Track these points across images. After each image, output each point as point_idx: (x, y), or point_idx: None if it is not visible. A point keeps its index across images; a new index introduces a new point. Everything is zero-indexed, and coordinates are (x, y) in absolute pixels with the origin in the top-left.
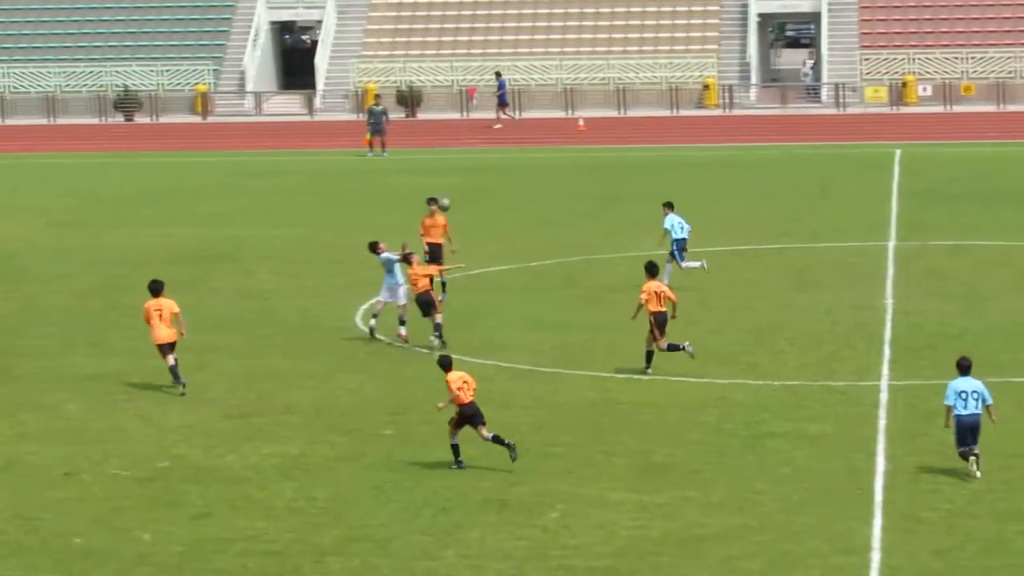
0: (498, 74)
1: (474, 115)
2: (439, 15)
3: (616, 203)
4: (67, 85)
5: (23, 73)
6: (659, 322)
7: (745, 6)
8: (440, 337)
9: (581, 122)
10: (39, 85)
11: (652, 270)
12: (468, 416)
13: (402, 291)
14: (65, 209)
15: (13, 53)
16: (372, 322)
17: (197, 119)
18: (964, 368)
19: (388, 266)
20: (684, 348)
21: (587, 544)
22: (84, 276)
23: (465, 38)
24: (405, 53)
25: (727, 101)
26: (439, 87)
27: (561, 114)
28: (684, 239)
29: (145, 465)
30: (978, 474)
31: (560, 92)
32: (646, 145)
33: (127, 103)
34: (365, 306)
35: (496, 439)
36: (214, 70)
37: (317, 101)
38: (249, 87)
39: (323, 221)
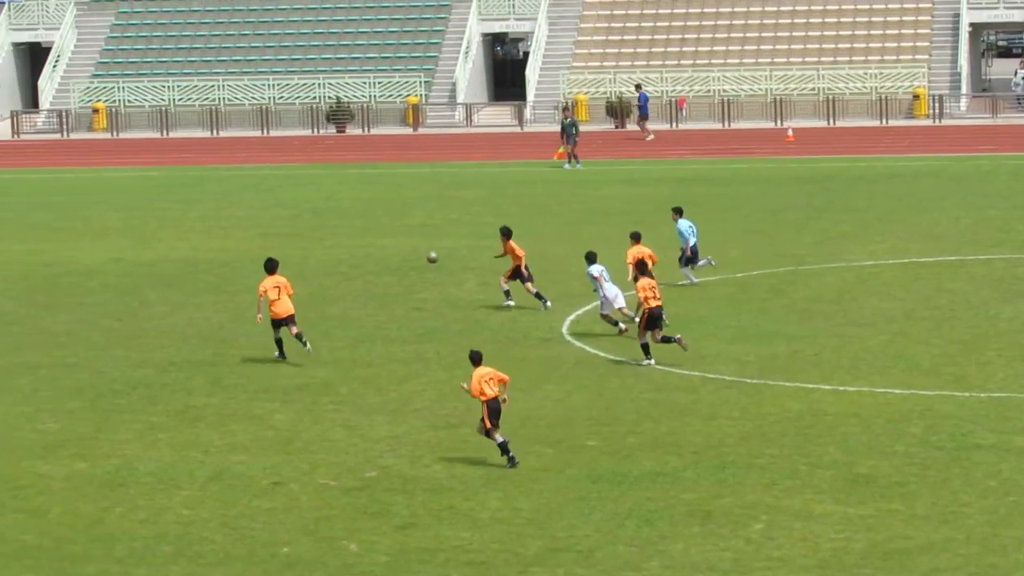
0: (638, 86)
1: (684, 126)
2: (649, 26)
3: (824, 213)
4: (280, 97)
5: (238, 85)
6: (654, 316)
7: (956, 16)
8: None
9: (790, 132)
10: (253, 97)
11: (642, 268)
12: (495, 411)
13: (619, 298)
14: (277, 220)
15: (228, 66)
16: (621, 326)
17: (408, 131)
18: None
19: (594, 282)
20: (677, 340)
21: (791, 556)
22: (294, 286)
23: (675, 49)
24: (615, 64)
25: (937, 111)
26: (649, 98)
27: (770, 124)
28: (695, 245)
29: (352, 475)
30: None
31: (769, 102)
32: (854, 155)
33: (339, 115)
34: (572, 317)
35: (503, 444)
36: (426, 82)
37: (527, 112)
38: (460, 99)
39: (531, 232)
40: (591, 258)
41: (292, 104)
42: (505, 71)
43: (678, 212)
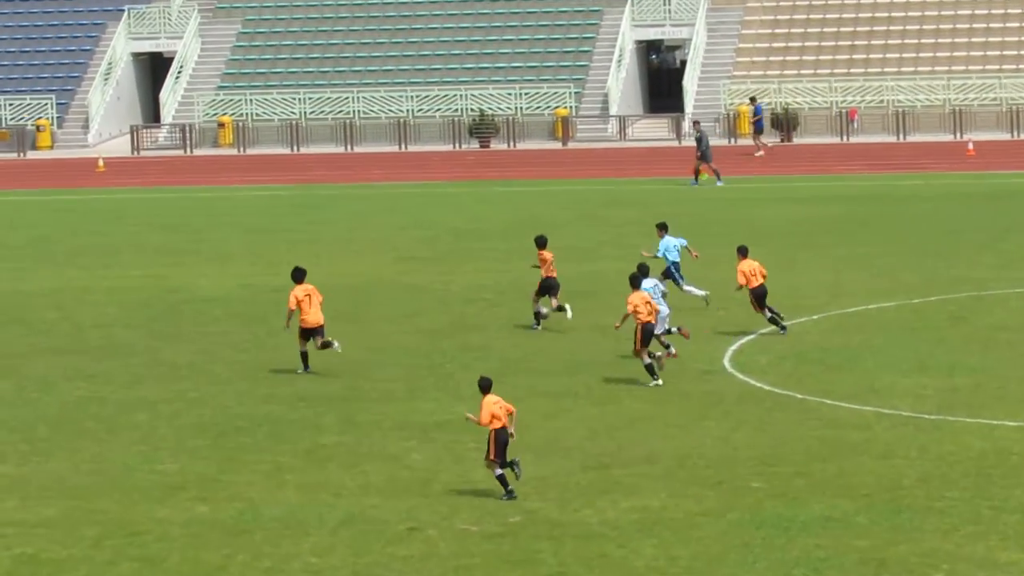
0: (753, 99)
1: (855, 139)
2: (816, 32)
3: (1009, 233)
4: (419, 110)
5: (373, 97)
6: (646, 333)
7: None
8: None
9: (970, 145)
10: (390, 110)
11: (635, 282)
12: (504, 442)
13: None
14: (414, 243)
15: (363, 76)
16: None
17: (556, 145)
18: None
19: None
20: (668, 349)
21: None
22: (433, 314)
23: (845, 56)
24: (780, 73)
25: None
26: (817, 109)
27: (948, 137)
28: (678, 262)
29: (495, 520)
30: None
31: (947, 113)
32: None
33: (483, 128)
34: (734, 347)
35: (501, 477)
36: (575, 93)
37: (685, 125)
38: (612, 111)
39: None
40: (639, 278)
41: (432, 117)
42: (661, 81)
43: (663, 229)
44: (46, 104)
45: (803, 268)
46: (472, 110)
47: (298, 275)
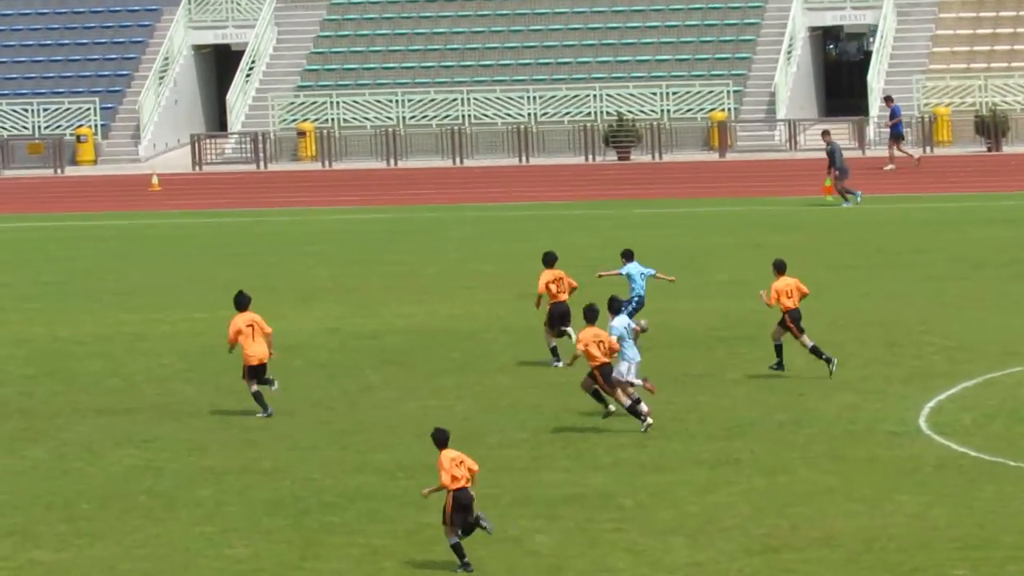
0: (889, 99)
1: None
2: None
3: None
4: (544, 114)
5: (488, 99)
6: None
7: None
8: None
9: None
10: (507, 114)
11: (589, 315)
12: (464, 505)
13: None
14: (535, 276)
15: (476, 73)
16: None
17: (712, 156)
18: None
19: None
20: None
21: None
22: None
23: None
24: (986, 66)
25: None
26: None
27: None
28: (643, 296)
29: None
30: None
31: None
32: None
33: (622, 136)
34: (931, 404)
35: (456, 546)
36: (735, 92)
37: (869, 131)
38: (781, 114)
39: (876, 289)
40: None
41: (559, 123)
42: (840, 77)
43: (627, 257)
44: (88, 109)
45: (1020, 304)
46: (609, 114)
47: (241, 301)
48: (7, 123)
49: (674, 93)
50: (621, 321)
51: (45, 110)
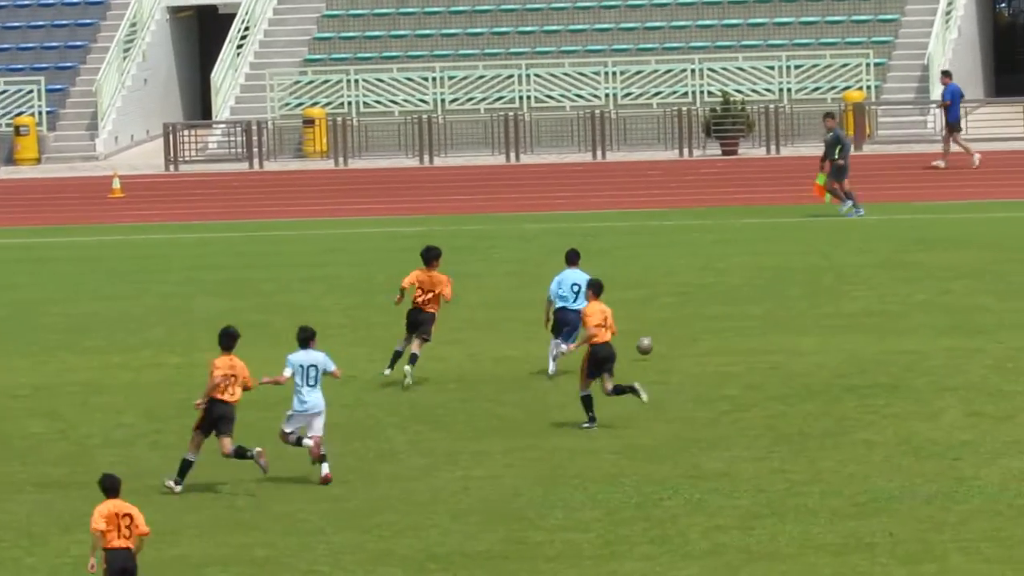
0: (946, 74)
1: None
2: None
3: None
4: (627, 95)
5: (552, 77)
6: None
7: None
8: None
9: None
10: (578, 95)
11: (597, 288)
12: (118, 570)
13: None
14: (620, 306)
15: (536, 42)
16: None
17: None
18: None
19: None
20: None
21: None
22: (649, 423)
23: None
24: None
25: None
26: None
27: None
28: (577, 311)
29: None
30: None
31: None
32: None
33: (727, 124)
34: None
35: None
36: (876, 65)
37: None
38: (936, 94)
39: None
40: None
41: (646, 107)
42: (1014, 45)
43: (572, 260)
44: (30, 92)
45: None
46: (711, 94)
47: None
48: None
49: (797, 67)
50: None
51: None
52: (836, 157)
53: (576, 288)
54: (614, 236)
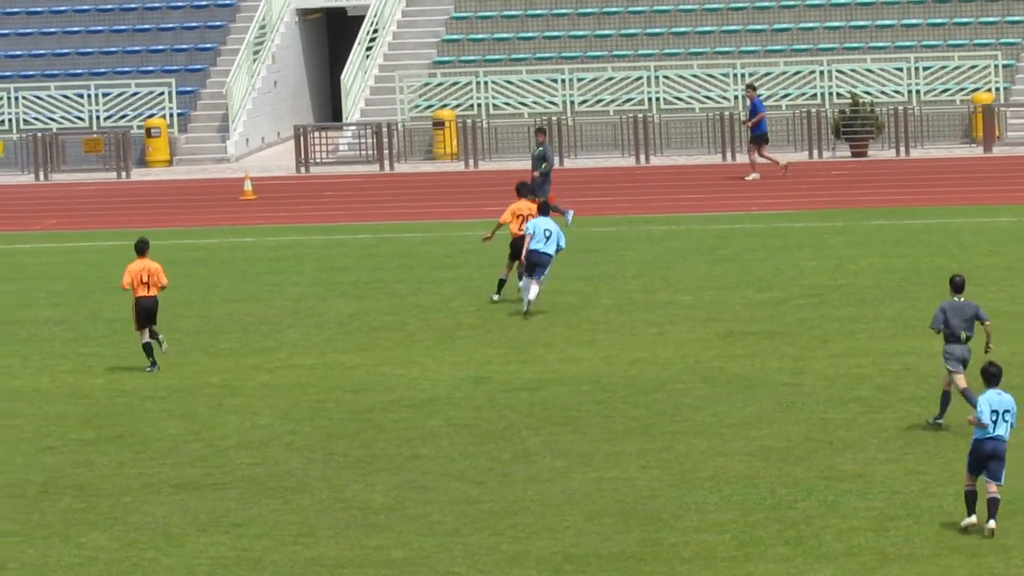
0: (752, 87)
1: None
2: None
3: None
4: (772, 95)
5: (681, 78)
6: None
7: None
8: None
9: None
10: (707, 97)
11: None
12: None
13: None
14: (750, 308)
15: (665, 43)
16: None
17: (975, 151)
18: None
19: None
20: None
21: None
22: (777, 424)
23: None
24: None
25: None
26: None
27: None
28: (548, 254)
29: None
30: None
31: None
32: None
33: (857, 126)
34: None
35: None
36: (1006, 67)
37: None
38: None
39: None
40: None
41: (776, 108)
42: None
43: (539, 205)
44: (161, 95)
45: None
46: (840, 96)
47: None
48: (57, 113)
49: (926, 69)
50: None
51: (105, 95)
52: (542, 170)
53: (548, 233)
54: (744, 238)
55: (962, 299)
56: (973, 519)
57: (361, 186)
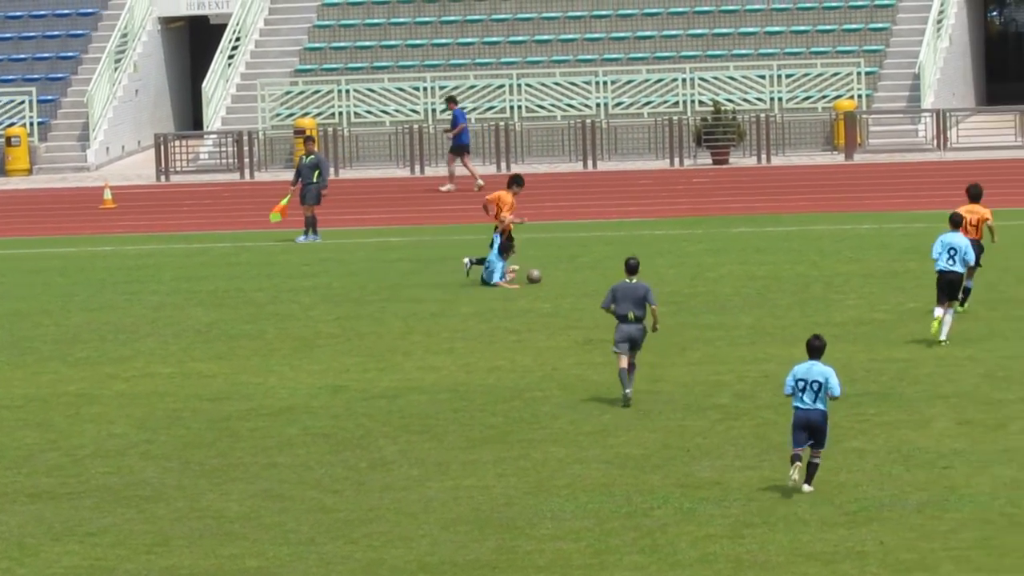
0: (452, 100)
1: None
2: None
3: None
4: (617, 104)
5: (544, 86)
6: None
7: None
8: None
9: None
10: (570, 105)
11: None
12: None
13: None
14: (609, 317)
15: (528, 52)
16: None
17: (837, 158)
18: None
19: None
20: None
21: None
22: (634, 431)
23: None
24: None
25: None
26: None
27: None
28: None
29: None
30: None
31: None
32: None
33: (718, 133)
34: None
35: None
36: (867, 74)
37: None
38: (927, 102)
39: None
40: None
41: (636, 116)
42: (1005, 54)
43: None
44: (21, 103)
45: None
46: (702, 104)
47: None
48: None
49: (788, 76)
50: None
51: None
52: (315, 181)
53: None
54: (604, 246)
55: (635, 280)
56: (796, 474)
57: (221, 195)
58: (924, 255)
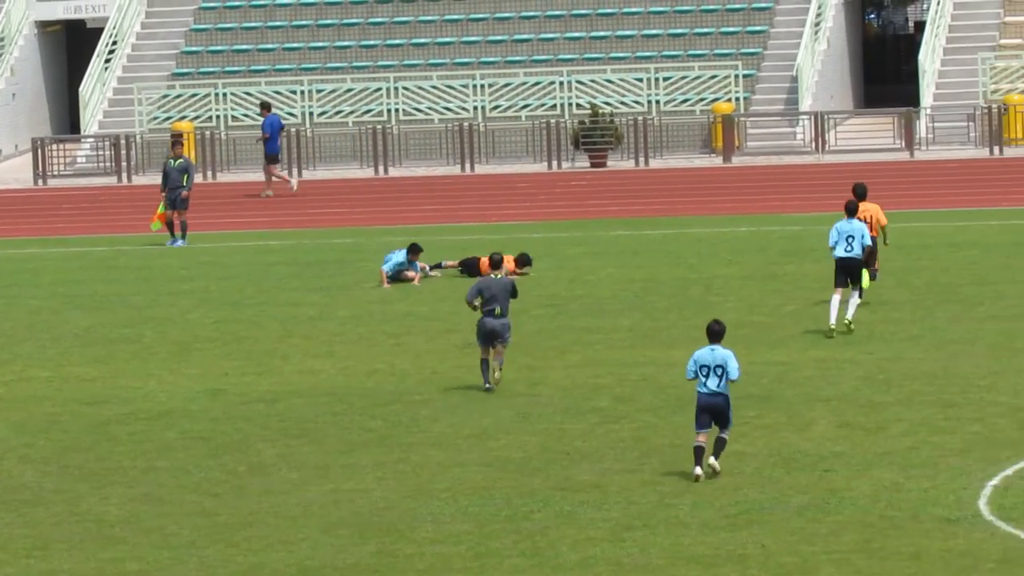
0: (266, 106)
1: None
2: None
3: None
4: (495, 107)
5: (420, 89)
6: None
7: None
8: None
9: None
10: (447, 108)
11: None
12: None
13: None
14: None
15: (405, 55)
16: None
17: (715, 161)
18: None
19: None
20: None
21: None
22: (514, 435)
23: None
24: None
25: None
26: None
27: None
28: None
29: None
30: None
31: None
32: None
33: (596, 136)
34: (996, 480)
35: None
36: (746, 77)
37: (920, 127)
38: (805, 105)
39: (919, 332)
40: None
41: (514, 119)
42: (883, 57)
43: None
44: None
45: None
46: (579, 106)
47: None
48: None
49: (665, 79)
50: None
51: None
52: (184, 184)
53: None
54: (482, 249)
55: (499, 275)
56: (699, 471)
57: (99, 198)
58: (802, 256)
